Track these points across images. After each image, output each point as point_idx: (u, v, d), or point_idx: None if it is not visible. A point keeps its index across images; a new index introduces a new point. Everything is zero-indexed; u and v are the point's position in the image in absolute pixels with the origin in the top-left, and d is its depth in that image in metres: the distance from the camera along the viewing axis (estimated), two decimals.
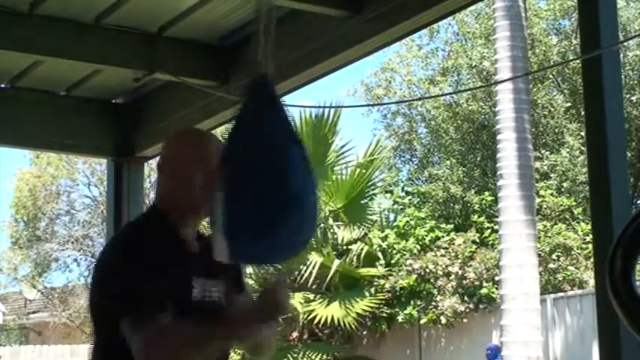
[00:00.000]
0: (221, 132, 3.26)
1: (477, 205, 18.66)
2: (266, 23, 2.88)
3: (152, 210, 2.89)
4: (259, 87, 2.79)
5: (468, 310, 16.06)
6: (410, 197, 19.49)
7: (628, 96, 19.42)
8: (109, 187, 6.34)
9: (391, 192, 19.15)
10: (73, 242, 23.55)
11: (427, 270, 16.23)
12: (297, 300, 15.53)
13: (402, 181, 21.58)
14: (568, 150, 19.68)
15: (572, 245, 16.52)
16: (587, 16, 3.87)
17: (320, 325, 15.74)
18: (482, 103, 21.08)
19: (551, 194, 18.24)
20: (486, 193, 18.65)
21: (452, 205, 19.33)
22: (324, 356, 15.62)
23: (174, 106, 5.83)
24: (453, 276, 16.21)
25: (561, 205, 17.97)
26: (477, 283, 16.06)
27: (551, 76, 21.23)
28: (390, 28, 4.62)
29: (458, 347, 16.56)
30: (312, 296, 15.76)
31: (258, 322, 2.73)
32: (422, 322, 16.34)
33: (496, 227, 15.37)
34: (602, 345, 3.61)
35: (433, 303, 16.19)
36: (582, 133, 18.76)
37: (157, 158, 2.89)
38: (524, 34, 14.23)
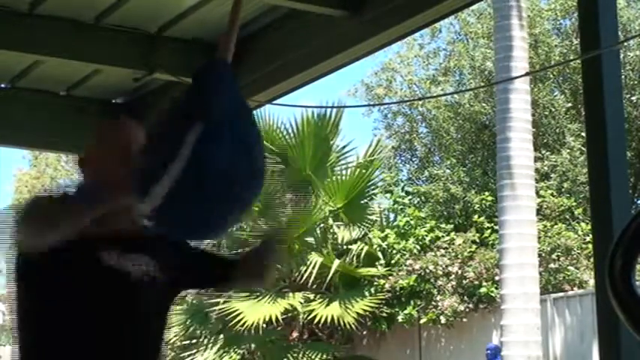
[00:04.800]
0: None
1: (478, 205, 18.66)
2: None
3: None
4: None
5: (467, 309, 16.06)
6: (410, 197, 19.48)
7: (628, 96, 19.41)
8: None
9: (391, 192, 19.14)
10: None
11: (427, 270, 16.23)
12: (297, 300, 15.54)
13: (402, 181, 21.57)
14: (568, 150, 19.68)
15: (572, 245, 16.52)
16: (587, 16, 3.87)
17: (320, 325, 15.74)
18: (484, 104, 21.08)
19: (552, 194, 18.24)
20: (486, 193, 18.65)
21: (452, 205, 19.33)
22: (324, 356, 15.62)
23: None
24: (452, 276, 16.22)
25: (561, 205, 17.97)
26: (476, 282, 16.07)
27: (552, 76, 21.22)
28: (390, 28, 4.62)
29: (458, 347, 16.56)
30: (312, 296, 15.76)
31: None
32: (422, 321, 16.34)
33: (496, 227, 15.37)
34: (602, 345, 3.61)
35: (433, 303, 16.19)
36: (583, 134, 18.76)
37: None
38: (524, 34, 14.23)
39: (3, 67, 5.61)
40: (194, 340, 16.07)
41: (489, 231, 17.24)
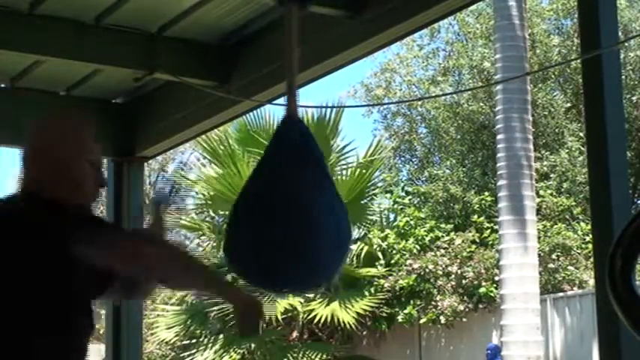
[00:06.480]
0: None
1: (477, 205, 18.67)
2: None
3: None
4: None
5: (467, 309, 16.07)
6: (410, 197, 19.50)
7: (628, 96, 19.42)
8: (109, 187, 6.32)
9: (391, 192, 19.15)
10: None
11: (427, 270, 16.24)
12: (296, 300, 15.54)
13: (402, 181, 21.59)
14: (567, 150, 19.69)
15: (572, 245, 16.53)
16: (587, 16, 3.87)
17: (320, 325, 15.75)
18: (482, 104, 21.09)
19: (551, 194, 18.25)
20: (486, 193, 18.66)
21: (452, 205, 19.34)
22: (324, 356, 15.62)
23: (174, 106, 5.83)
24: (452, 276, 16.22)
25: (561, 205, 17.98)
26: (475, 282, 16.08)
27: (552, 76, 21.22)
28: (390, 28, 4.62)
29: (458, 347, 16.56)
30: (312, 296, 15.76)
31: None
32: (422, 321, 16.34)
33: (496, 227, 15.38)
34: (602, 345, 3.61)
35: (433, 303, 16.19)
36: (582, 134, 18.77)
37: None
38: (524, 34, 14.23)
39: (3, 67, 5.61)
40: (194, 340, 16.07)
41: (489, 231, 17.24)
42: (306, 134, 3.28)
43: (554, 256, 16.39)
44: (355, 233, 16.39)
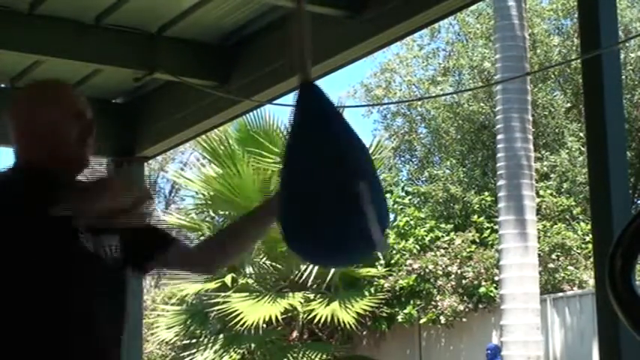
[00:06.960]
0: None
1: (477, 205, 18.67)
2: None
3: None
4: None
5: (467, 309, 16.07)
6: (410, 197, 19.50)
7: (628, 96, 19.42)
8: None
9: (391, 192, 19.15)
10: None
11: (427, 270, 16.24)
12: (297, 300, 15.54)
13: (402, 181, 21.59)
14: (567, 150, 19.70)
15: (572, 245, 16.53)
16: (587, 16, 3.87)
17: (320, 325, 15.74)
18: (482, 104, 21.09)
19: (551, 194, 18.25)
20: (486, 193, 18.66)
21: (452, 205, 19.34)
22: (324, 356, 15.62)
23: (174, 106, 5.83)
24: (452, 276, 16.22)
25: (561, 205, 17.98)
26: (475, 282, 16.08)
27: (552, 76, 21.22)
28: (390, 28, 4.62)
29: (458, 347, 16.56)
30: (312, 296, 15.76)
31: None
32: (422, 321, 16.34)
33: (496, 227, 15.38)
34: (602, 345, 3.61)
35: (433, 303, 16.19)
36: (582, 134, 18.77)
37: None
38: (524, 34, 14.24)
39: (3, 67, 5.61)
40: (194, 340, 16.07)
41: (489, 231, 17.25)
42: (326, 106, 3.01)
43: (554, 256, 16.40)
44: None
